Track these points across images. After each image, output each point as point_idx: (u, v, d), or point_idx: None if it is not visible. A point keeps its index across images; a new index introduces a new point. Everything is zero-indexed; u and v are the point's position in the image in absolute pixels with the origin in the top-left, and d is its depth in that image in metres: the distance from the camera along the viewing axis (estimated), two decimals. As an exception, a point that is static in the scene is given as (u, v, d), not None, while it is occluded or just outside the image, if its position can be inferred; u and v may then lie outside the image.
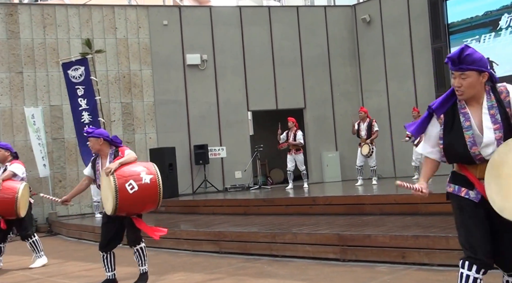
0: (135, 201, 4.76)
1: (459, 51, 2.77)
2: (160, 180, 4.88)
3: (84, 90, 11.05)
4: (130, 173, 4.77)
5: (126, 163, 4.87)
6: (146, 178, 4.76)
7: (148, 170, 4.86)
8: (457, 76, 2.80)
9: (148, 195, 4.81)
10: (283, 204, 9.06)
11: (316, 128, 14.22)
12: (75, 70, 11.07)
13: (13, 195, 6.55)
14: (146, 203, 4.89)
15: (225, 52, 13.80)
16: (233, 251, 6.80)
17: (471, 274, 2.77)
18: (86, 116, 11.08)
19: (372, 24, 14.14)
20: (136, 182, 4.70)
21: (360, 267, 5.36)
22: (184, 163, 13.10)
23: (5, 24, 12.43)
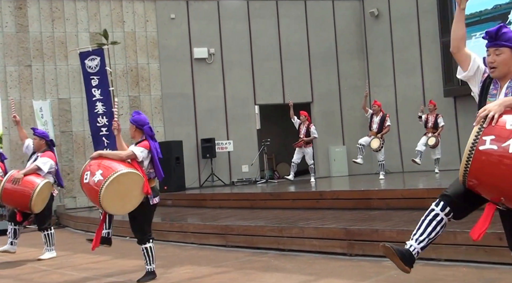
0: (86, 191, 4.93)
1: (497, 27, 2.90)
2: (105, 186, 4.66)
3: (98, 80, 11.11)
4: (96, 165, 4.84)
5: (108, 157, 4.96)
6: (96, 176, 4.74)
7: (106, 172, 4.76)
8: (491, 53, 2.91)
9: (90, 193, 4.86)
10: (290, 198, 9.06)
11: (323, 122, 14.20)
12: (91, 60, 11.14)
13: (30, 190, 6.55)
14: (91, 197, 4.91)
15: (232, 46, 13.78)
16: (239, 245, 6.81)
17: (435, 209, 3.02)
18: (100, 107, 11.12)
19: (380, 18, 14.07)
20: (90, 175, 4.79)
21: (367, 261, 5.35)
22: (191, 156, 13.13)
23: (14, 17, 12.48)
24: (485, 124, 2.60)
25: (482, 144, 2.57)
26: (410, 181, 10.44)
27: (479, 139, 2.58)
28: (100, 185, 4.66)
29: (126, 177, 4.82)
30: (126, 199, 4.87)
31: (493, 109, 2.62)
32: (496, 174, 2.56)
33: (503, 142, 2.52)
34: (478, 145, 2.57)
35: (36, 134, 6.98)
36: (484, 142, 2.56)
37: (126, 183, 4.82)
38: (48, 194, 6.89)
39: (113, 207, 4.82)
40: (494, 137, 2.55)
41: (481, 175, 2.61)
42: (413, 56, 13.37)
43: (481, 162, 2.57)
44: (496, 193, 2.63)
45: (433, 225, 3.04)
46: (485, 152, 2.56)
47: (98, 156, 4.96)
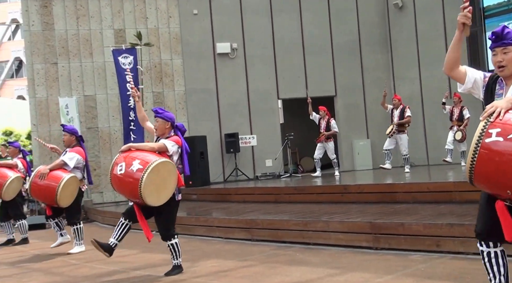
0: (119, 183, 4.86)
1: (502, 27, 2.97)
2: (147, 174, 4.65)
3: (131, 77, 11.42)
4: (130, 157, 4.81)
5: (138, 149, 4.96)
6: (134, 166, 4.71)
7: (143, 161, 4.75)
8: (498, 52, 2.96)
9: (125, 184, 4.79)
10: (314, 192, 9.04)
11: (347, 116, 14.11)
12: (124, 58, 11.47)
13: (55, 184, 6.68)
14: (126, 190, 4.87)
15: (255, 41, 13.77)
16: (265, 239, 6.84)
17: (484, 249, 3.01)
18: (133, 102, 11.41)
19: (404, 10, 13.87)
20: (126, 166, 4.73)
21: (393, 255, 5.32)
22: (215, 151, 13.20)
23: (40, 16, 12.69)
24: (491, 119, 2.64)
25: (488, 136, 2.59)
26: (436, 174, 10.32)
27: (485, 132, 2.61)
28: (142, 173, 4.63)
29: (164, 167, 4.82)
30: (161, 189, 4.85)
31: (500, 105, 2.67)
32: (502, 166, 2.56)
33: (509, 134, 2.55)
34: (484, 138, 2.60)
35: (66, 131, 7.10)
36: (490, 135, 2.59)
37: (163, 173, 4.81)
38: (76, 189, 6.99)
39: (151, 196, 4.76)
40: (500, 130, 2.58)
41: (487, 168, 2.61)
42: (439, 47, 13.14)
43: (487, 154, 2.59)
44: (503, 187, 2.62)
45: (496, 263, 3.00)
46: (491, 144, 2.58)
47: (128, 148, 4.95)
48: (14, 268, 6.46)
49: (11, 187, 7.96)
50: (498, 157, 2.56)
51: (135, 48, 11.61)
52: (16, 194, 8.19)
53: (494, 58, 2.98)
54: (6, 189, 7.88)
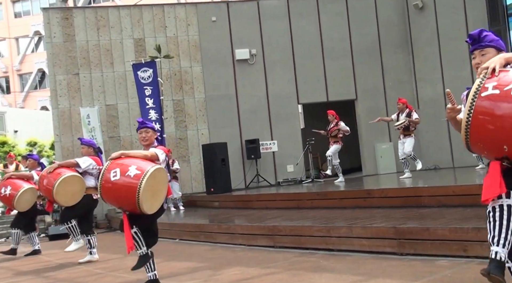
0: (113, 191, 4.55)
1: (479, 31, 3.00)
2: (145, 179, 4.43)
3: (151, 90, 11.56)
4: (125, 163, 4.59)
5: (131, 155, 4.77)
6: (131, 171, 4.47)
7: (140, 167, 4.54)
8: (477, 55, 2.99)
9: (121, 190, 4.50)
10: (337, 197, 8.93)
11: (369, 119, 13.91)
12: (144, 71, 11.61)
13: (54, 179, 6.78)
14: (123, 196, 4.52)
15: (273, 46, 13.76)
16: (288, 245, 6.76)
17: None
18: (153, 114, 11.56)
19: (425, 10, 13.70)
20: (121, 172, 4.48)
21: (419, 261, 5.20)
22: (236, 157, 13.19)
23: (61, 28, 12.89)
24: (488, 74, 2.64)
25: (485, 90, 2.56)
26: (462, 176, 10.11)
27: (481, 88, 2.59)
28: (140, 178, 4.42)
29: (160, 174, 4.68)
30: (156, 197, 4.70)
31: (494, 61, 2.68)
32: (498, 119, 2.51)
33: (505, 86, 2.53)
34: (481, 92, 2.57)
35: (84, 143, 7.17)
36: (486, 89, 2.56)
37: (159, 180, 4.68)
38: (79, 191, 6.97)
39: (147, 203, 4.53)
40: (496, 83, 2.56)
41: (484, 124, 2.55)
42: (461, 47, 12.92)
43: (483, 107, 2.55)
44: (499, 142, 2.55)
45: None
46: (487, 97, 2.54)
47: (119, 155, 4.73)
48: (40, 278, 6.52)
49: (23, 198, 7.99)
50: (496, 108, 2.52)
51: (155, 61, 11.70)
52: (31, 206, 8.25)
53: (474, 61, 3.01)
54: (18, 200, 7.92)
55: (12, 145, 23.56)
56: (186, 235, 8.65)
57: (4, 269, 7.61)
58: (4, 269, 7.61)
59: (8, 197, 7.94)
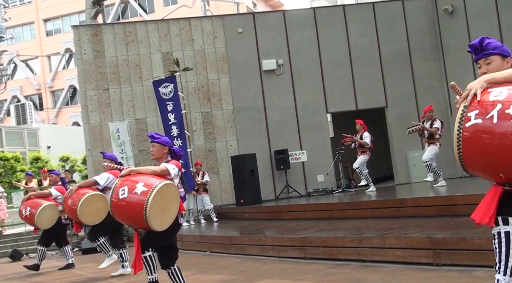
0: (122, 209, 4.53)
1: (480, 39, 2.85)
2: (152, 196, 4.38)
3: (173, 105, 11.63)
4: (133, 181, 4.54)
5: (139, 172, 4.69)
6: (138, 189, 4.42)
7: (147, 184, 4.49)
8: (482, 64, 2.83)
9: (134, 205, 4.43)
10: (368, 207, 8.77)
11: (400, 127, 13.69)
12: (165, 87, 11.70)
13: (77, 200, 6.89)
14: (132, 213, 4.48)
15: (300, 55, 13.70)
16: (319, 257, 6.65)
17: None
18: (175, 130, 11.60)
19: (455, 14, 13.43)
20: (129, 190, 4.46)
21: (455, 271, 5.03)
22: (265, 168, 13.12)
23: (91, 44, 13.14)
24: (467, 102, 2.51)
25: (468, 120, 2.46)
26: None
27: (464, 117, 2.48)
28: (147, 195, 4.38)
29: (168, 189, 4.58)
30: (165, 213, 4.60)
31: (474, 86, 2.53)
32: (487, 149, 2.41)
33: (486, 114, 2.41)
34: (464, 123, 2.47)
35: (106, 158, 7.22)
36: (469, 118, 2.46)
37: (167, 195, 4.58)
38: (101, 207, 6.99)
39: (155, 220, 4.46)
40: (478, 111, 2.45)
41: (474, 153, 2.46)
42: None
43: (470, 139, 2.45)
44: (494, 169, 2.47)
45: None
46: (471, 128, 2.44)
47: (129, 172, 4.68)
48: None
49: (43, 215, 8.14)
50: (481, 140, 2.42)
51: (175, 75, 11.76)
52: (55, 222, 8.37)
53: (480, 71, 2.85)
54: (38, 217, 8.08)
55: (45, 160, 24.07)
56: (216, 247, 8.61)
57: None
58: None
59: (29, 217, 8.15)
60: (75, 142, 25.60)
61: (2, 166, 22.12)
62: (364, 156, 11.10)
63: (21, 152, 24.54)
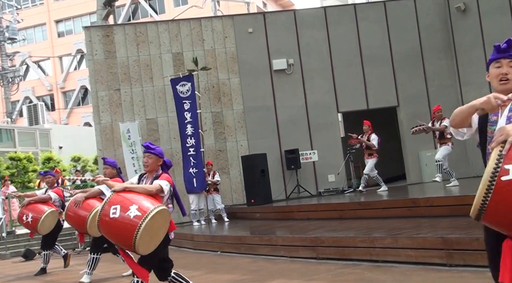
0: (109, 227, 4.33)
1: (508, 40, 2.68)
2: (145, 223, 4.18)
3: (190, 104, 11.64)
4: (126, 200, 4.33)
5: (133, 190, 4.47)
6: (131, 212, 4.21)
7: (141, 208, 4.28)
8: (504, 64, 2.67)
9: (123, 228, 4.23)
10: (380, 206, 8.71)
11: (412, 126, 13.59)
12: (182, 85, 11.70)
13: (87, 213, 6.77)
14: (119, 235, 4.31)
15: (311, 55, 13.65)
16: (330, 257, 6.61)
17: None
18: (189, 129, 11.61)
19: (467, 13, 13.30)
20: (121, 210, 4.24)
21: (469, 272, 4.97)
22: (276, 168, 13.08)
23: (102, 45, 13.20)
24: (504, 151, 2.25)
25: (505, 174, 2.22)
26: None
27: (500, 168, 2.23)
28: (140, 220, 4.17)
29: (161, 215, 4.39)
30: (153, 237, 4.43)
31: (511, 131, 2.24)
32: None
33: None
34: (500, 175, 2.23)
35: (108, 164, 7.17)
36: (507, 172, 2.22)
37: (159, 222, 4.40)
38: None
39: (143, 245, 4.29)
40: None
41: (502, 208, 2.26)
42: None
43: (503, 193, 2.23)
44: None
45: None
46: (507, 183, 2.21)
47: (123, 189, 4.46)
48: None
49: (46, 221, 8.12)
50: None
51: (192, 74, 11.78)
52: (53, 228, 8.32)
53: (498, 70, 2.67)
54: (41, 224, 8.05)
55: (57, 160, 24.23)
56: (227, 247, 8.59)
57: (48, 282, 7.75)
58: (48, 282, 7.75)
59: (31, 223, 8.06)
60: (87, 142, 25.74)
61: (15, 166, 22.31)
62: (372, 159, 11.07)
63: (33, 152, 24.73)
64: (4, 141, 25.85)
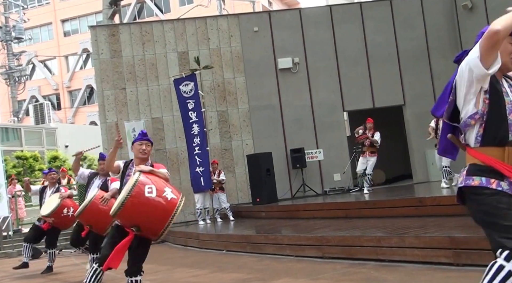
0: (143, 207, 4.15)
1: None
2: (180, 206, 4.19)
3: (194, 104, 11.63)
4: (157, 181, 4.27)
5: (158, 175, 4.41)
6: (167, 193, 4.18)
7: (175, 190, 4.31)
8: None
9: (160, 210, 4.15)
10: (386, 206, 8.67)
11: (418, 125, 13.54)
12: (185, 85, 11.69)
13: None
14: (153, 217, 4.16)
15: (317, 53, 13.61)
16: (336, 256, 6.59)
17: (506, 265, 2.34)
18: (196, 128, 11.61)
19: (474, 10, 13.21)
20: (157, 191, 4.17)
21: (476, 272, 4.89)
22: (281, 167, 13.06)
23: (108, 44, 13.22)
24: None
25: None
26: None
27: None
28: (175, 205, 4.16)
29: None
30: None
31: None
32: None
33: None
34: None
35: (103, 159, 7.16)
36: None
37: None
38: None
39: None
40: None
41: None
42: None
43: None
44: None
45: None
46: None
47: (149, 171, 4.39)
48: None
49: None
50: None
51: (195, 73, 11.76)
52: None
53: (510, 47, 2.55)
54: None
55: (63, 159, 24.32)
56: (233, 246, 8.58)
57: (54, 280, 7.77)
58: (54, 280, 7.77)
59: (70, 218, 7.85)
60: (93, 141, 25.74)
61: (21, 165, 22.41)
62: (374, 157, 11.02)
63: (40, 151, 24.83)
64: (10, 140, 25.97)
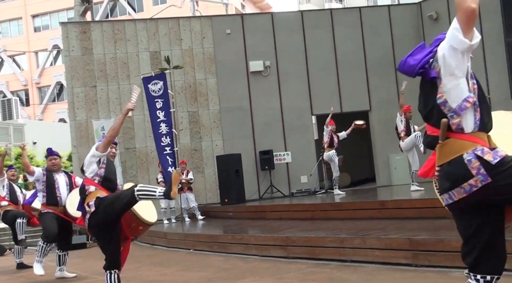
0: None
1: None
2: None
3: (162, 103, 11.63)
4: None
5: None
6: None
7: None
8: None
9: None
10: (350, 208, 8.92)
11: (383, 130, 13.92)
12: (154, 84, 11.67)
13: None
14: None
15: (288, 58, 13.83)
16: (301, 256, 6.77)
17: None
18: (164, 127, 11.60)
19: (439, 21, 13.68)
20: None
21: (433, 272, 5.18)
22: (250, 168, 13.22)
23: (79, 41, 13.14)
24: None
25: None
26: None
27: None
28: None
29: None
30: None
31: None
32: None
33: None
34: None
35: (55, 154, 7.19)
36: None
37: None
38: None
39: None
40: None
41: None
42: (477, 58, 12.85)
43: None
44: None
45: None
46: None
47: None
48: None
49: None
50: None
51: (165, 73, 11.79)
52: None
53: None
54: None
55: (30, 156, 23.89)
56: (200, 245, 8.69)
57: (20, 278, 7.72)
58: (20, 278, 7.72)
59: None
60: (61, 138, 25.43)
61: (-14, 161, 21.90)
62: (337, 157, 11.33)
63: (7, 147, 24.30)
64: (-25, 135, 25.35)
